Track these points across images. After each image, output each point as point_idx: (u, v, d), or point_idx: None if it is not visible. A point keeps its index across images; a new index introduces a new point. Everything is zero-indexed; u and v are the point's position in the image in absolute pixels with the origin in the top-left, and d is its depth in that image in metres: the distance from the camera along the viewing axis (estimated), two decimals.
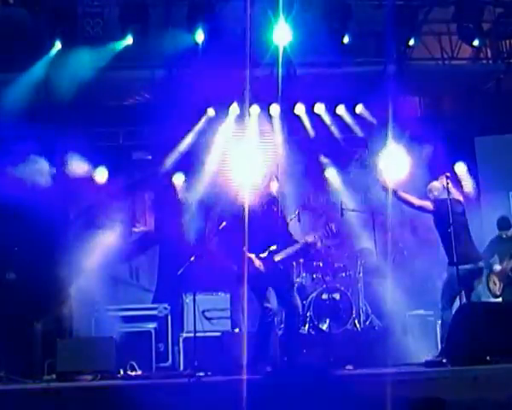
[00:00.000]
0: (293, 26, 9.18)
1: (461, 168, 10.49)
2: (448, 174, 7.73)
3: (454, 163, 10.43)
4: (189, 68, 10.08)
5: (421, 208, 7.71)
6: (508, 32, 10.15)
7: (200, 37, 9.22)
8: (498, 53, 11.36)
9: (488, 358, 6.25)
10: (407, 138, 10.03)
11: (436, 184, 7.67)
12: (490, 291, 8.95)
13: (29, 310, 8.82)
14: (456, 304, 7.80)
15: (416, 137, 10.29)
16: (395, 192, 7.52)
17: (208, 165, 10.61)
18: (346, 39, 9.59)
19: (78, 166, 9.95)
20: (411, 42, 9.95)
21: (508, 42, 11.06)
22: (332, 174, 10.98)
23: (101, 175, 10.36)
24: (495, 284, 8.86)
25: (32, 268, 8.97)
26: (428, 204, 7.56)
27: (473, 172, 10.78)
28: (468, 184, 10.29)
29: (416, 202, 7.63)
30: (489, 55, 11.52)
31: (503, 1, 10.01)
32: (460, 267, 7.22)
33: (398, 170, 8.61)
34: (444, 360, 6.71)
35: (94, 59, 9.14)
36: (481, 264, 7.37)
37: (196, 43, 9.27)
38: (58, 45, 9.04)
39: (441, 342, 7.31)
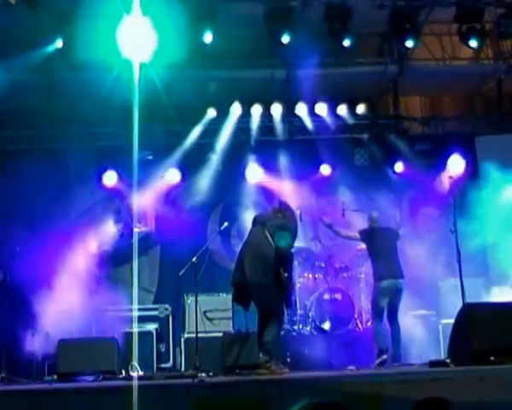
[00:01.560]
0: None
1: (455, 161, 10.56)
2: (451, 175, 7.74)
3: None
4: (190, 69, 10.10)
5: (348, 237, 8.81)
6: (508, 33, 10.13)
7: (208, 37, 9.19)
8: (499, 53, 11.38)
9: (492, 358, 6.23)
10: None
11: (374, 215, 8.61)
12: None
13: (30, 310, 8.81)
14: None
15: None
16: (329, 226, 8.70)
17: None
18: (346, 42, 9.55)
19: None
20: (409, 44, 9.90)
21: (508, 42, 11.08)
22: (333, 175, 10.96)
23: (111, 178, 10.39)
24: None
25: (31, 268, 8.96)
26: (354, 234, 8.59)
27: (473, 171, 10.78)
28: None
29: (344, 233, 8.78)
30: (490, 55, 11.54)
31: (504, 1, 10.01)
32: (384, 282, 8.12)
33: None
34: (447, 361, 6.70)
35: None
36: (400, 282, 8.18)
37: (204, 43, 9.24)
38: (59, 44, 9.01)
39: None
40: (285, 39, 9.42)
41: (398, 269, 8.20)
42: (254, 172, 10.75)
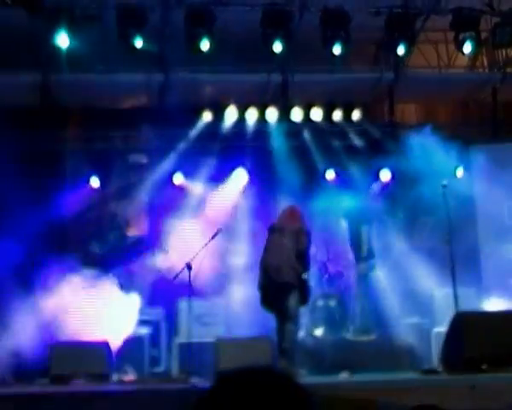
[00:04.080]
0: None
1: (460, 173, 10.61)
2: (445, 183, 7.75)
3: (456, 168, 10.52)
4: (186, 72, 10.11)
5: None
6: (503, 42, 10.17)
7: (205, 45, 9.19)
8: (494, 62, 11.42)
9: (484, 367, 6.24)
10: None
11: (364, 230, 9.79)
12: None
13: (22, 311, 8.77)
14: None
15: None
16: None
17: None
18: (336, 50, 9.54)
19: None
20: (400, 51, 9.88)
21: (504, 51, 11.11)
22: (329, 180, 10.95)
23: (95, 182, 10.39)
24: None
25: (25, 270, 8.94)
26: None
27: (468, 179, 10.79)
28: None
29: None
30: (485, 64, 11.59)
31: (500, 10, 10.05)
32: None
33: None
34: (440, 369, 6.71)
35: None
36: None
37: (201, 51, 9.23)
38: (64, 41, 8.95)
39: None
40: (277, 48, 9.41)
41: None
42: (239, 178, 10.72)
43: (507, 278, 9.33)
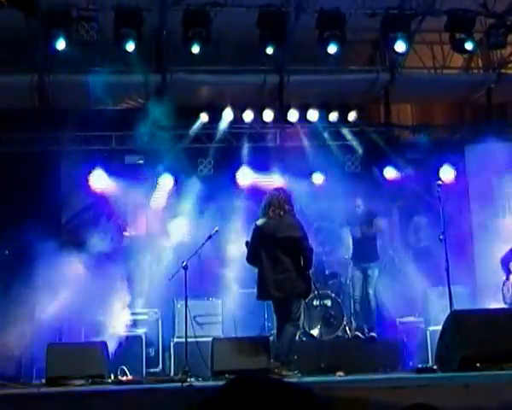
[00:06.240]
0: None
1: (447, 172, 10.64)
2: (440, 182, 7.79)
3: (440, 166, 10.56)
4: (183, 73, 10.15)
5: None
6: (498, 43, 10.23)
7: (195, 49, 9.20)
8: (489, 63, 11.48)
9: (478, 365, 6.28)
10: None
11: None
12: (503, 296, 9.07)
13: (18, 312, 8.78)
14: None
15: None
16: None
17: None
18: (332, 49, 9.56)
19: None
20: (400, 47, 9.87)
21: (498, 52, 11.17)
22: (324, 181, 10.98)
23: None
24: (508, 291, 9.02)
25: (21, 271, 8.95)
26: None
27: (463, 180, 10.85)
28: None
29: None
30: (480, 64, 11.65)
31: (494, 12, 10.10)
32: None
33: None
34: (435, 367, 6.75)
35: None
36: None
37: (192, 53, 9.26)
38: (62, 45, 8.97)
39: None
40: (269, 50, 9.44)
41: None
42: (246, 175, 10.75)
43: (501, 276, 9.37)
